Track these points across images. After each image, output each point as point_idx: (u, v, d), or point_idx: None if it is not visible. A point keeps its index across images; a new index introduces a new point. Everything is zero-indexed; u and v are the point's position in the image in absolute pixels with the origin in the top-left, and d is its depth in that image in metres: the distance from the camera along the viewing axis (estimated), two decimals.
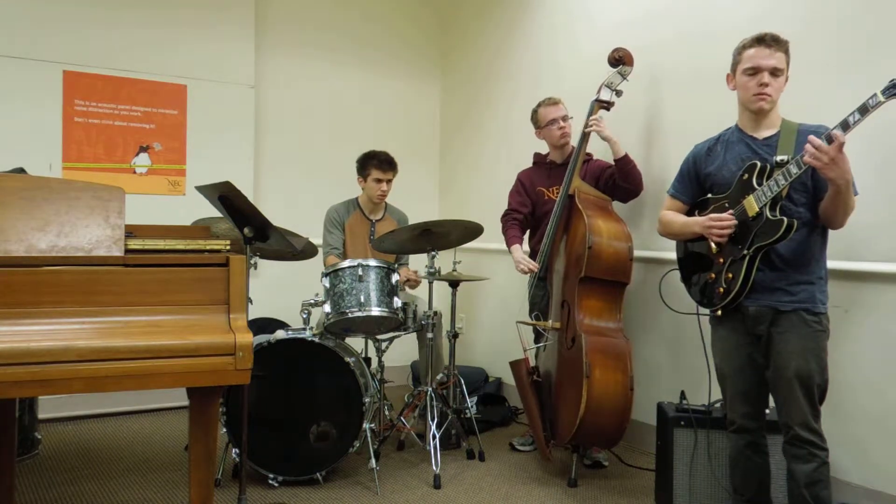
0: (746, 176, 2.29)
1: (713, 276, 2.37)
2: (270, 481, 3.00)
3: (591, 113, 3.37)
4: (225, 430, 2.96)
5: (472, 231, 3.34)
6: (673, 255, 3.34)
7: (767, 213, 2.20)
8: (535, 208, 3.64)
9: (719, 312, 2.35)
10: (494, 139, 4.74)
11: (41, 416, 3.50)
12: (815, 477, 2.17)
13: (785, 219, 2.16)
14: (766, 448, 2.42)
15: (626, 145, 3.37)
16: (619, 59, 3.36)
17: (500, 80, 4.68)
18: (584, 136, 3.35)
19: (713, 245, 2.37)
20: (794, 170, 2.13)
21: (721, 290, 2.32)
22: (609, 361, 2.99)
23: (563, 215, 3.31)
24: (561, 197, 3.33)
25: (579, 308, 3.10)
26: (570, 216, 3.27)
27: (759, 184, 2.23)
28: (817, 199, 2.24)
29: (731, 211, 2.31)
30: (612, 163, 3.39)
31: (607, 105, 3.40)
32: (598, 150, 3.52)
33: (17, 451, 2.71)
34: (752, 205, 2.23)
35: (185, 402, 2.14)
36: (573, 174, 3.31)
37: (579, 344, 3.01)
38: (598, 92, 3.39)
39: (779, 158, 2.22)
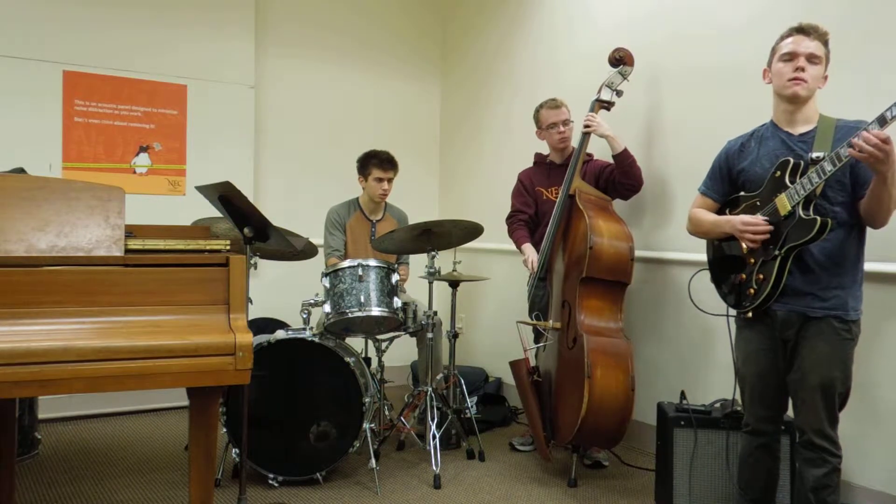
0: (779, 173, 2.20)
1: (744, 276, 2.29)
2: (270, 481, 3.00)
3: (591, 112, 3.37)
4: (225, 430, 2.96)
5: (472, 231, 3.34)
6: (676, 256, 3.35)
7: (800, 212, 2.11)
8: (535, 208, 3.64)
9: (750, 314, 2.26)
10: (495, 139, 4.74)
11: (41, 416, 3.50)
12: (824, 482, 2.12)
13: (818, 218, 2.07)
14: (779, 453, 2.38)
15: (626, 145, 3.36)
16: (620, 59, 3.36)
17: (501, 79, 4.68)
18: (585, 136, 3.35)
19: (744, 245, 2.28)
20: (828, 167, 2.03)
21: (752, 291, 2.25)
22: (610, 361, 2.99)
23: (564, 216, 3.31)
24: (561, 197, 3.33)
25: (580, 308, 3.10)
26: (571, 216, 3.26)
27: (792, 181, 2.14)
28: (856, 198, 2.15)
29: (762, 214, 2.23)
30: (612, 160, 3.39)
31: (608, 105, 3.40)
32: (599, 150, 3.52)
33: (17, 451, 2.71)
34: (784, 203, 2.14)
35: (185, 402, 2.14)
36: (574, 174, 3.31)
37: (581, 344, 3.01)
38: (599, 92, 3.39)
39: (814, 155, 2.11)
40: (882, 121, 1.94)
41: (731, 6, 3.17)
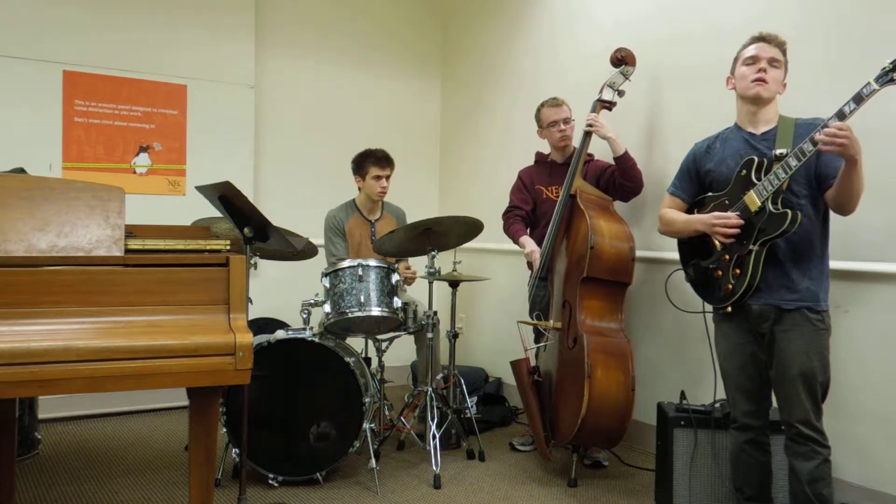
0: (745, 171, 2.30)
1: (720, 273, 2.36)
2: (270, 481, 3.00)
3: (593, 112, 3.37)
4: (225, 430, 2.96)
5: (472, 228, 3.33)
6: (675, 256, 3.34)
7: (770, 206, 2.21)
8: (534, 206, 3.64)
9: (729, 309, 2.34)
10: (495, 140, 4.74)
11: (41, 416, 3.50)
12: (818, 474, 2.18)
13: (789, 211, 2.17)
14: (769, 447, 2.42)
15: (627, 145, 3.36)
16: (622, 59, 3.36)
17: (501, 80, 4.68)
18: (586, 136, 3.35)
19: (717, 242, 2.37)
20: (793, 162, 2.14)
21: (730, 286, 2.31)
22: (611, 361, 2.99)
23: (565, 215, 3.31)
24: (562, 197, 3.32)
25: (581, 308, 3.10)
26: (572, 216, 3.26)
27: (759, 178, 2.24)
28: (821, 191, 2.24)
29: (733, 209, 2.31)
30: (613, 162, 3.39)
31: (609, 105, 3.40)
32: (599, 150, 3.52)
33: (17, 451, 2.71)
34: (753, 200, 2.24)
35: (185, 402, 2.14)
36: (575, 174, 3.31)
37: (581, 344, 3.01)
38: (601, 92, 3.39)
39: (778, 152, 2.24)
40: (841, 115, 2.06)
41: (732, 6, 3.17)
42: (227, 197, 2.58)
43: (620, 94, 3.40)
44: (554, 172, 3.58)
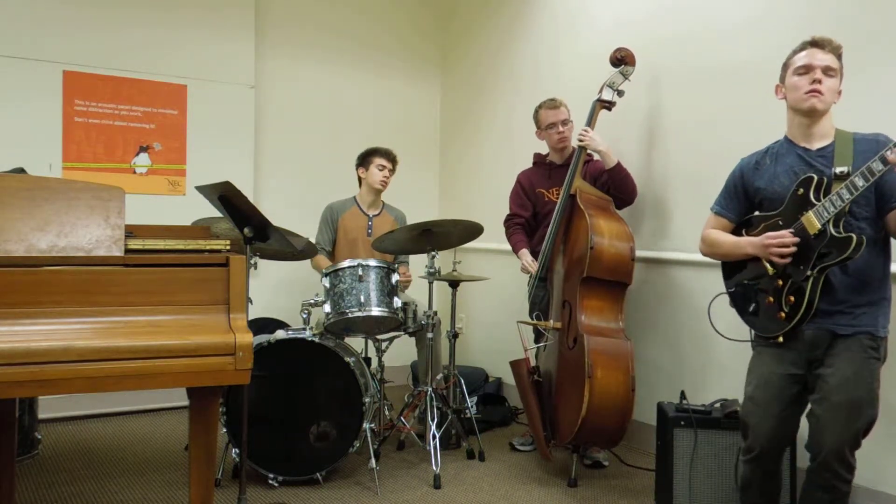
0: (802, 191, 2.10)
1: (771, 299, 2.18)
2: (270, 481, 3.00)
3: (592, 112, 3.38)
4: (225, 430, 2.96)
5: (472, 231, 3.34)
6: (677, 256, 3.34)
7: (832, 230, 2.02)
8: (535, 210, 3.64)
9: (780, 339, 2.15)
10: (495, 139, 4.74)
11: (41, 416, 3.50)
12: None
13: (853, 235, 1.99)
14: (780, 473, 2.31)
15: (626, 144, 3.37)
16: (621, 59, 3.36)
17: (501, 79, 4.68)
18: (580, 150, 3.35)
19: (769, 266, 2.19)
20: (860, 182, 1.95)
21: (782, 315, 2.13)
22: (611, 361, 2.99)
23: (565, 216, 3.31)
24: (562, 197, 3.32)
25: (581, 308, 3.10)
26: (572, 216, 3.26)
27: (818, 199, 2.05)
28: (882, 213, 2.10)
29: (789, 229, 2.13)
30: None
31: (609, 105, 3.40)
32: None
33: (17, 451, 2.71)
34: (812, 222, 2.05)
35: (185, 402, 2.14)
36: (574, 174, 3.31)
37: (581, 344, 3.01)
38: (600, 92, 3.39)
39: (838, 171, 2.05)
40: None
41: (732, 6, 3.16)
42: (227, 197, 2.58)
43: (620, 94, 3.40)
44: (553, 174, 3.58)
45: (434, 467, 3.09)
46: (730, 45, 3.16)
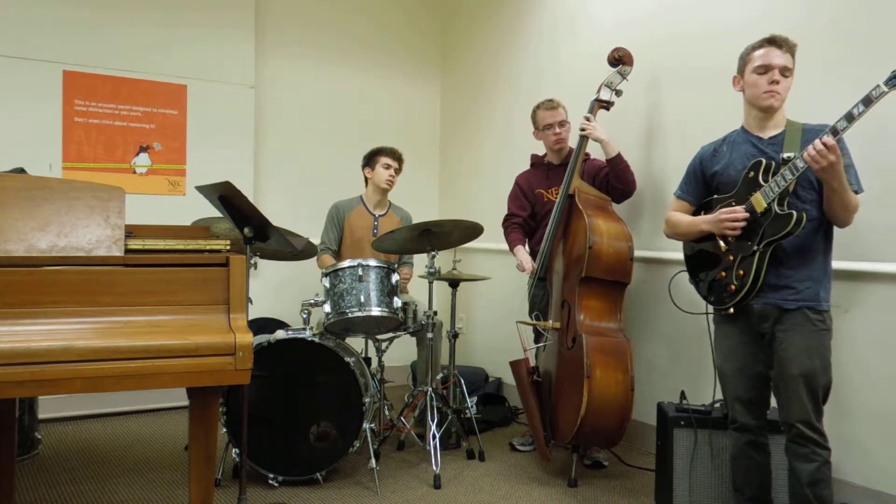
0: (752, 174, 2.31)
1: (723, 273, 2.38)
2: (270, 481, 3.00)
3: (590, 112, 3.38)
4: (225, 430, 2.96)
5: (472, 231, 3.34)
6: (676, 255, 3.34)
7: (776, 208, 2.22)
8: (534, 210, 3.64)
9: (731, 310, 2.35)
10: (495, 139, 4.74)
11: (41, 416, 3.50)
12: (818, 476, 2.18)
13: (794, 212, 2.18)
14: (768, 447, 2.43)
15: (625, 144, 3.37)
16: (619, 59, 3.36)
17: (501, 79, 4.68)
18: (582, 140, 3.35)
19: (722, 243, 2.38)
20: (800, 164, 2.15)
21: (732, 287, 2.33)
22: (610, 361, 2.99)
23: (564, 215, 3.31)
24: (561, 197, 3.33)
25: (580, 308, 3.10)
26: (571, 216, 3.26)
27: (766, 180, 2.26)
28: (822, 196, 2.25)
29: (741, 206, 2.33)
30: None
31: (607, 105, 3.40)
32: (596, 150, 3.52)
33: (17, 451, 2.71)
34: (759, 201, 2.25)
35: (185, 402, 2.14)
36: (573, 174, 3.31)
37: (580, 344, 3.01)
38: (598, 91, 3.39)
39: (785, 155, 2.25)
40: (850, 118, 2.07)
41: (731, 7, 3.16)
42: (227, 197, 2.58)
43: (618, 93, 3.40)
44: (552, 174, 3.58)
45: (434, 467, 3.09)
46: (729, 45, 3.14)
